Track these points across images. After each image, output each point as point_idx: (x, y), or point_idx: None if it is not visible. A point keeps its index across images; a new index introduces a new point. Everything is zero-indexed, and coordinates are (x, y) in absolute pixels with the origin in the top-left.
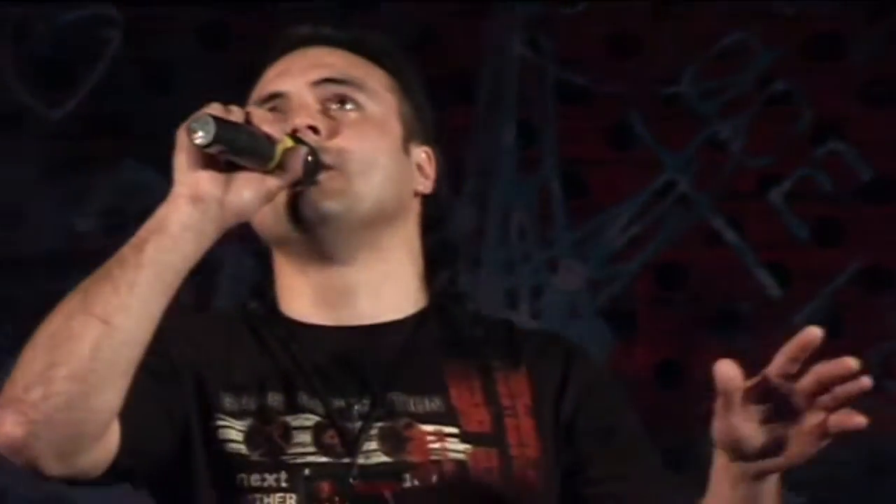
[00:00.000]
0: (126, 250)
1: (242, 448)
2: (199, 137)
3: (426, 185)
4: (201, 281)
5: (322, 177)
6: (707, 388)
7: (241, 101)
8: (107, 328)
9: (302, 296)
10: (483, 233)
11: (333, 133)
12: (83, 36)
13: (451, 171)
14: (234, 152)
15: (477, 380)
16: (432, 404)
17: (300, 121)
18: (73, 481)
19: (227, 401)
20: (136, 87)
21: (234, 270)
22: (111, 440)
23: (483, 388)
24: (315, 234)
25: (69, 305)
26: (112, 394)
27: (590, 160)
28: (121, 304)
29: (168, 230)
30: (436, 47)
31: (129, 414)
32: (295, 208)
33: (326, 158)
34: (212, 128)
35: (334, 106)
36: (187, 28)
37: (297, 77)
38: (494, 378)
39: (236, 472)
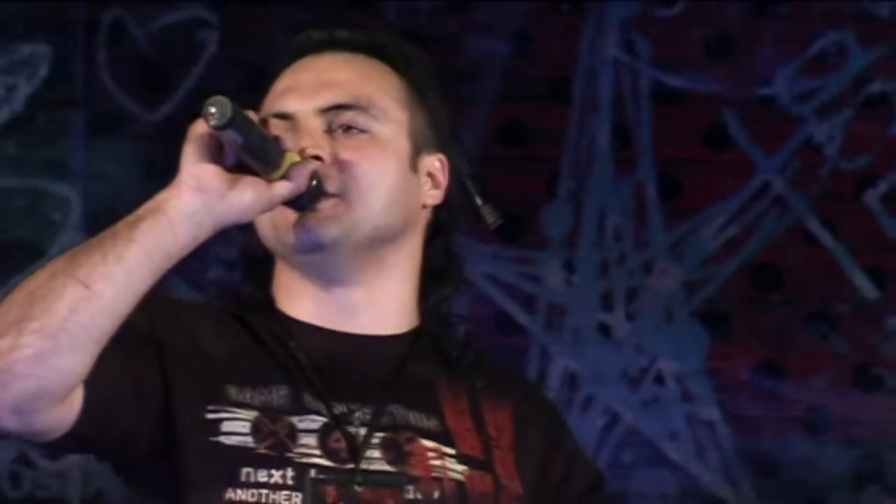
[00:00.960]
0: (120, 225)
1: (249, 440)
2: (215, 118)
3: (435, 196)
4: None
5: (322, 204)
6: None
7: None
8: (87, 293)
9: (301, 300)
10: (578, 235)
11: (337, 158)
12: (179, 38)
13: (546, 173)
14: (245, 145)
15: (466, 404)
16: (430, 422)
17: (308, 151)
18: (28, 440)
19: (232, 391)
20: (233, 89)
21: None
22: (72, 406)
23: (471, 413)
24: (314, 258)
25: (54, 267)
26: (80, 358)
27: (685, 161)
28: (105, 273)
29: (166, 213)
30: (531, 49)
31: (95, 383)
32: (294, 233)
33: (329, 187)
34: (229, 111)
35: (340, 131)
36: (283, 30)
37: (306, 99)
38: (481, 405)
39: (241, 465)
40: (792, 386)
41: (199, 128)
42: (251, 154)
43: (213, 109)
